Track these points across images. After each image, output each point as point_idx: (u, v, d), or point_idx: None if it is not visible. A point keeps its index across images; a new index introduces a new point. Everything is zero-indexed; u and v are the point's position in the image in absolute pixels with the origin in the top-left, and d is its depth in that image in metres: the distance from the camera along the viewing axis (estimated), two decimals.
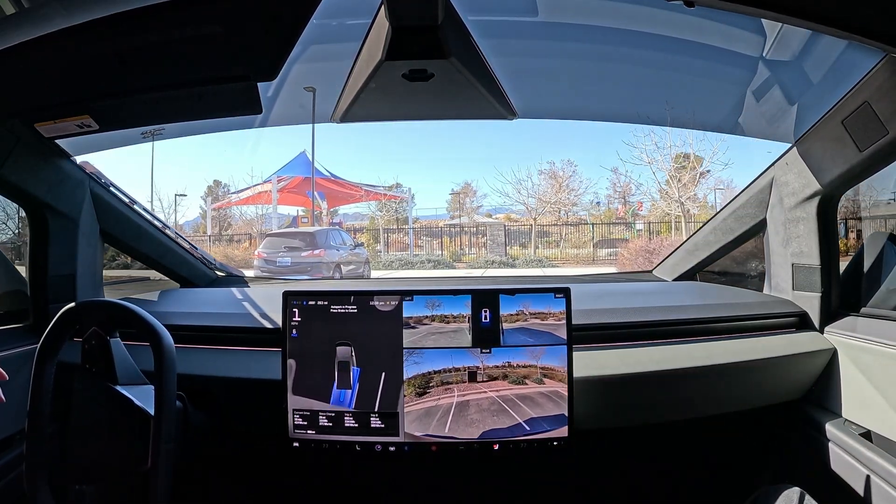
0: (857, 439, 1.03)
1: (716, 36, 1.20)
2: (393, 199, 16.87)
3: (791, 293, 1.27)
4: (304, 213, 15.55)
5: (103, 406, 0.86)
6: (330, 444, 0.93)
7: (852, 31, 0.66)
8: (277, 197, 13.96)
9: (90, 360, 0.88)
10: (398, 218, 16.84)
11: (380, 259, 13.48)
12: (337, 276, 8.88)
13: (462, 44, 0.90)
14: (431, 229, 16.92)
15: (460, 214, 17.79)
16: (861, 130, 1.00)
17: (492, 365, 0.93)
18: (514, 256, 13.98)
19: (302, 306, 0.94)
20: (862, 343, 1.08)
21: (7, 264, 1.27)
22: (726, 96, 1.44)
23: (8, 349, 1.09)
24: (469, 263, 13.29)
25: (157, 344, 0.83)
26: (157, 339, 0.84)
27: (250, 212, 15.07)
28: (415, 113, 1.23)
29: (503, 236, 15.21)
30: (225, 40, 0.81)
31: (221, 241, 14.03)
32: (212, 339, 1.12)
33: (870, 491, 0.96)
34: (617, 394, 1.06)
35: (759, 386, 1.14)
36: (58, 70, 0.84)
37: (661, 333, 1.16)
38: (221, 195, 16.07)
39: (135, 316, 0.86)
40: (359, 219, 18.14)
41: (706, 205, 15.15)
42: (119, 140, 1.39)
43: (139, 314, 0.86)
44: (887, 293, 1.16)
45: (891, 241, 1.22)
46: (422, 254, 14.59)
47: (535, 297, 0.94)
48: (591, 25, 1.24)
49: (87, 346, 0.89)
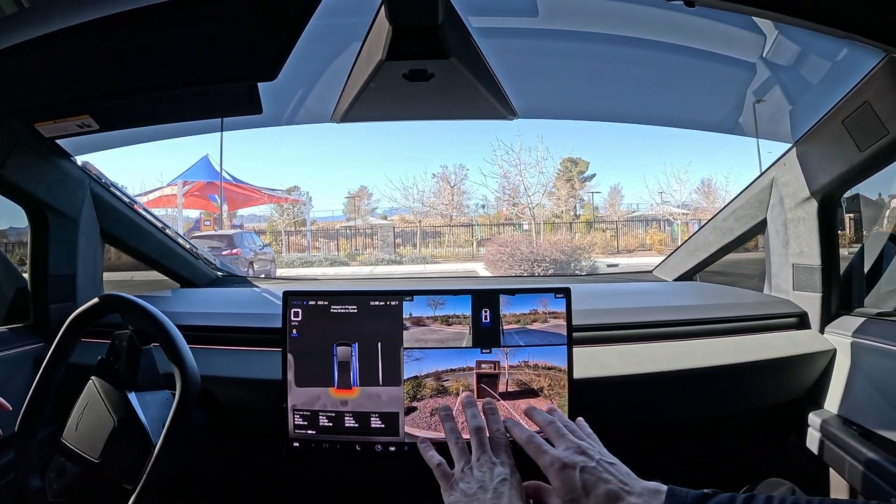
0: (856, 439, 1.02)
1: (716, 36, 1.20)
2: (292, 202, 17.97)
3: (791, 293, 1.27)
4: (206, 216, 16.08)
5: (112, 410, 0.85)
6: (330, 444, 0.93)
7: (852, 31, 0.65)
8: (183, 201, 14.43)
9: (115, 356, 0.88)
10: (296, 220, 17.81)
11: (282, 258, 15.19)
12: (251, 272, 10.76)
13: (462, 44, 0.90)
14: (328, 231, 18.56)
15: (356, 217, 19.12)
16: (861, 130, 1.00)
17: (492, 365, 0.93)
18: (402, 255, 15.79)
19: (302, 306, 0.94)
20: (862, 343, 1.08)
21: (7, 264, 1.27)
22: (726, 96, 1.44)
23: (8, 349, 1.09)
24: (362, 262, 15.09)
25: (185, 381, 0.82)
26: (186, 374, 0.83)
27: (158, 214, 15.46)
28: (415, 113, 1.23)
29: (392, 237, 17.17)
30: (225, 40, 0.81)
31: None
32: (212, 338, 1.12)
33: (869, 490, 0.96)
34: (617, 394, 1.06)
35: (760, 386, 1.14)
36: (58, 70, 0.84)
37: (662, 333, 1.16)
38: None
39: (174, 345, 0.84)
40: (256, 221, 19.10)
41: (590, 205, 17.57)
42: (119, 140, 1.39)
43: (178, 346, 0.85)
44: (888, 293, 1.16)
45: (891, 241, 1.22)
46: (319, 254, 16.26)
47: (535, 297, 0.94)
48: (591, 26, 1.24)
49: (117, 342, 0.89)
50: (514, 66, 1.19)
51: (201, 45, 0.82)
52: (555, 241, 13.24)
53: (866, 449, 0.99)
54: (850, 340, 1.10)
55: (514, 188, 17.55)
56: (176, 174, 14.86)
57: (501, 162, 17.15)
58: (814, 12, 0.63)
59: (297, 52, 0.82)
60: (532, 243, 12.80)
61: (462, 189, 18.62)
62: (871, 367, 1.05)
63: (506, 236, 14.39)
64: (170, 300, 1.44)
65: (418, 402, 0.92)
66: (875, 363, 1.04)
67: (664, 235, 17.20)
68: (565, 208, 19.15)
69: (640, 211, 19.56)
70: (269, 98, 1.01)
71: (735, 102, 1.43)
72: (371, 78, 0.92)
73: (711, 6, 0.66)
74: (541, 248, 12.04)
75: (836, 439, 1.07)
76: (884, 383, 1.01)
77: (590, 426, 0.71)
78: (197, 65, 0.87)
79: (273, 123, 1.58)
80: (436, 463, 0.69)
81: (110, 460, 0.82)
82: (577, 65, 1.41)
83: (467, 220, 18.49)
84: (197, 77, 0.90)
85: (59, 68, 0.84)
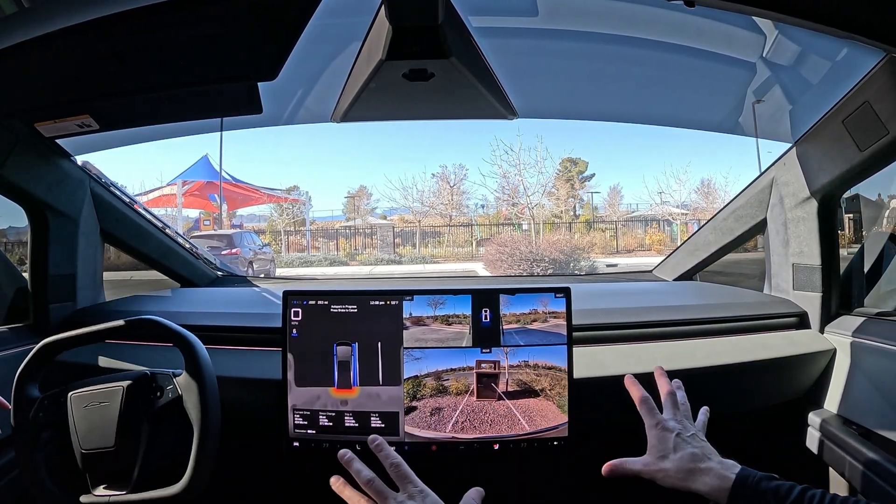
0: (856, 439, 1.02)
1: (716, 36, 1.20)
2: (291, 201, 18.06)
3: (791, 293, 1.27)
4: (205, 215, 16.16)
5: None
6: (330, 443, 0.93)
7: (852, 31, 0.65)
8: (182, 200, 14.50)
9: (158, 394, 0.89)
10: (296, 220, 17.86)
11: (281, 258, 15.24)
12: (250, 272, 10.72)
13: (462, 43, 0.89)
14: (328, 231, 18.63)
15: (355, 216, 19.21)
16: (861, 130, 1.00)
17: (492, 364, 0.93)
18: (401, 255, 15.87)
19: (302, 306, 0.94)
20: (862, 343, 1.08)
21: (7, 264, 1.27)
22: (726, 96, 1.44)
23: (8, 349, 1.09)
24: (361, 261, 15.16)
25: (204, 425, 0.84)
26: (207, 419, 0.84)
27: (157, 214, 15.57)
28: (415, 113, 1.23)
29: (391, 237, 17.24)
30: (225, 40, 0.81)
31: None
32: (212, 338, 1.11)
33: (869, 491, 0.96)
34: (617, 394, 1.06)
35: (760, 386, 1.14)
36: (58, 70, 0.84)
37: (662, 333, 1.16)
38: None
39: (202, 389, 0.85)
40: (256, 220, 19.19)
41: (589, 205, 17.79)
42: (119, 140, 1.38)
43: (207, 390, 0.85)
44: (888, 293, 1.16)
45: (891, 240, 1.22)
46: (319, 254, 16.35)
47: (535, 297, 0.94)
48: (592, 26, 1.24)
49: (168, 386, 0.89)
50: (514, 65, 1.18)
51: (201, 45, 0.82)
52: (554, 240, 13.29)
53: (866, 449, 0.99)
54: (850, 340, 1.10)
55: (513, 188, 17.66)
56: (175, 174, 14.99)
57: (501, 162, 17.23)
58: (814, 12, 0.63)
59: (297, 52, 0.82)
60: (531, 243, 12.86)
61: (461, 189, 18.76)
62: (870, 367, 1.05)
63: (505, 236, 14.52)
64: (170, 300, 1.44)
65: (418, 402, 0.92)
66: (875, 363, 1.04)
67: (663, 235, 17.22)
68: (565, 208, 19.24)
69: (640, 211, 19.58)
70: (269, 98, 1.01)
71: (735, 102, 1.43)
72: (371, 78, 0.92)
73: (711, 6, 0.66)
74: (540, 248, 12.07)
75: (836, 439, 1.06)
76: (884, 383, 1.01)
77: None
78: (197, 65, 0.87)
79: (273, 123, 1.57)
80: (366, 479, 0.67)
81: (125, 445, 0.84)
82: (577, 65, 1.41)
83: (467, 220, 18.59)
84: (197, 77, 0.90)
85: (60, 68, 0.83)
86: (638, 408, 0.79)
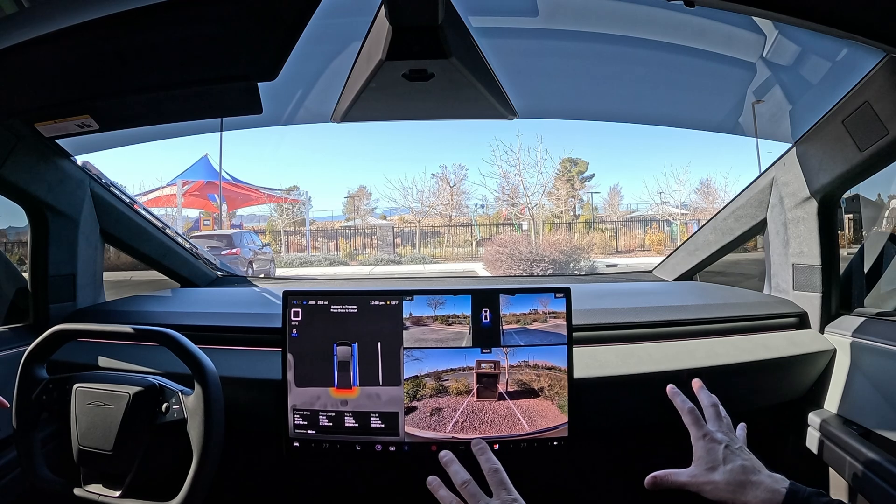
0: (856, 439, 1.02)
1: (716, 36, 1.20)
2: (291, 201, 18.12)
3: (791, 293, 1.27)
4: (205, 215, 16.20)
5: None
6: (330, 443, 0.93)
7: (852, 31, 0.65)
8: (182, 200, 14.57)
9: (165, 411, 0.88)
10: (295, 220, 17.90)
11: (281, 259, 15.32)
12: (250, 272, 10.88)
13: (462, 44, 0.89)
14: (328, 231, 18.64)
15: (355, 216, 19.30)
16: (861, 130, 1.00)
17: (492, 365, 0.93)
18: (401, 255, 15.94)
19: (302, 306, 0.94)
20: (862, 343, 1.08)
21: (7, 264, 1.27)
22: (726, 96, 1.44)
23: (8, 349, 1.09)
24: (361, 262, 15.26)
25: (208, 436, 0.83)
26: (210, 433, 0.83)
27: (157, 214, 15.66)
28: (415, 113, 1.23)
29: (391, 237, 17.27)
30: (225, 40, 0.81)
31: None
32: (212, 338, 1.12)
33: (869, 491, 0.96)
34: (617, 394, 1.06)
35: (760, 386, 1.14)
36: (58, 70, 0.84)
37: (662, 333, 1.16)
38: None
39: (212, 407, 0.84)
40: (255, 220, 19.22)
41: (589, 205, 17.92)
42: (119, 140, 1.38)
43: (213, 411, 0.84)
44: (888, 293, 1.16)
45: (891, 240, 1.22)
46: (319, 254, 16.40)
47: (535, 297, 0.94)
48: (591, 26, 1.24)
49: (178, 406, 0.87)
50: (514, 66, 1.19)
51: (201, 45, 0.82)
52: (554, 241, 13.31)
53: (866, 449, 0.99)
54: (850, 340, 1.10)
55: (513, 188, 17.73)
56: (175, 174, 15.04)
57: (500, 162, 17.31)
58: (814, 12, 0.63)
59: (296, 52, 0.82)
60: (531, 243, 12.91)
61: (461, 189, 18.83)
62: (870, 367, 1.05)
63: (505, 236, 14.57)
64: (170, 300, 1.44)
65: (418, 402, 0.92)
66: (875, 363, 1.04)
67: (663, 236, 17.22)
68: (564, 208, 19.27)
69: (640, 211, 19.58)
70: (269, 98, 1.00)
71: (735, 102, 1.43)
72: (371, 78, 0.92)
73: (711, 6, 0.66)
74: (540, 248, 12.08)
75: (836, 439, 1.07)
76: (884, 383, 1.01)
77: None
78: (197, 65, 0.87)
79: (273, 123, 1.57)
80: (462, 481, 0.68)
81: (122, 450, 0.84)
82: (578, 65, 1.41)
83: (466, 220, 18.65)
84: (197, 77, 0.90)
85: (60, 68, 0.83)
86: (683, 418, 0.79)
